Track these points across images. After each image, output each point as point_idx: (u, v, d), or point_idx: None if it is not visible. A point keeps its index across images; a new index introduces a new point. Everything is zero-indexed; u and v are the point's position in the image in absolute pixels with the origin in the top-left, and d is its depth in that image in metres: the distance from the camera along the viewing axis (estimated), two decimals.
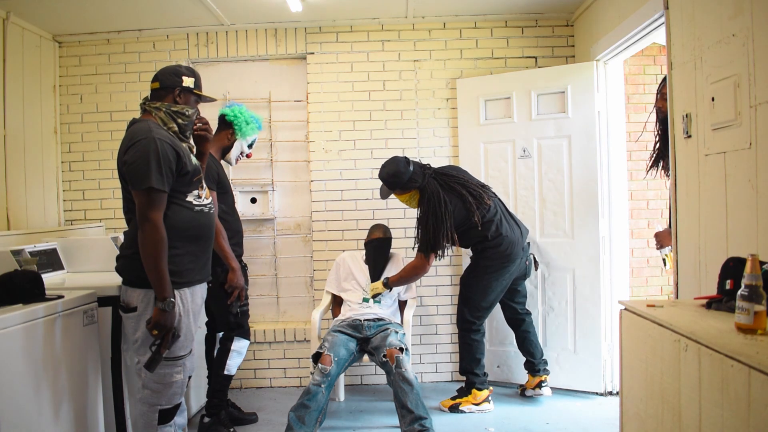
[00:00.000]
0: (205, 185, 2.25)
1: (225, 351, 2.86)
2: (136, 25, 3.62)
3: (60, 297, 2.22)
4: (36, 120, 3.52)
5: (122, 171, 2.06)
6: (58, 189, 3.72)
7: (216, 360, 2.90)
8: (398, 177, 2.97)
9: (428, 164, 3.10)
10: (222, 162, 2.95)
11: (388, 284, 3.15)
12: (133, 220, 2.11)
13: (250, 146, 2.99)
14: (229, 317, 2.83)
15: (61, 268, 2.95)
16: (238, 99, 3.67)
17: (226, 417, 2.91)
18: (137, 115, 2.21)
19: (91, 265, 2.99)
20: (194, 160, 2.19)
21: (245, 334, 2.92)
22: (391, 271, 3.30)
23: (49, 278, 2.71)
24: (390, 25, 3.71)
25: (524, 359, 3.31)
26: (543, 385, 3.23)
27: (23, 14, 3.29)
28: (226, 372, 2.86)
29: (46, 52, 3.63)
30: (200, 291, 2.25)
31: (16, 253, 2.62)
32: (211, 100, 2.34)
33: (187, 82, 2.19)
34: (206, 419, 2.88)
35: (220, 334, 2.97)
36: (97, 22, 3.56)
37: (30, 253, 2.72)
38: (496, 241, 3.00)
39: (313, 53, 3.72)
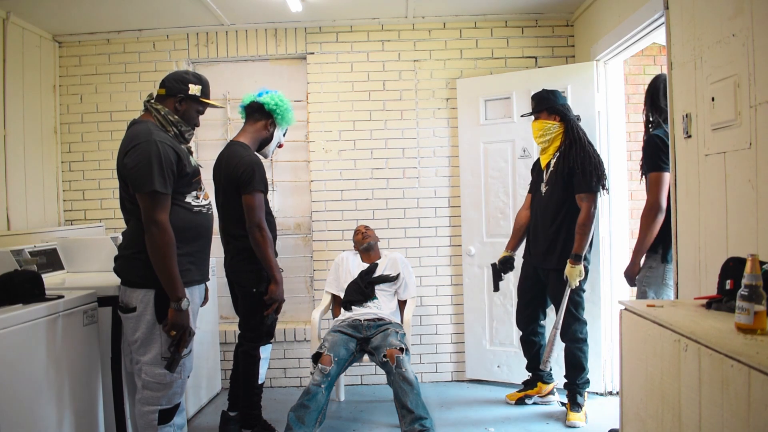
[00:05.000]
0: (203, 186, 2.25)
1: (255, 361, 2.73)
2: (136, 25, 3.62)
3: (60, 297, 2.22)
4: (36, 120, 3.52)
5: (122, 173, 2.07)
6: (58, 189, 3.72)
7: (248, 372, 2.74)
8: (554, 96, 2.99)
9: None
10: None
11: (579, 256, 2.88)
12: (132, 221, 2.11)
13: (284, 135, 2.88)
14: (262, 327, 2.71)
15: (61, 268, 2.95)
16: (238, 99, 3.66)
17: (265, 423, 2.84)
18: (137, 115, 2.22)
19: (91, 265, 2.98)
20: (194, 161, 2.19)
21: (270, 339, 2.81)
22: (385, 269, 3.30)
23: (49, 278, 2.70)
24: (390, 25, 3.70)
25: (526, 362, 3.26)
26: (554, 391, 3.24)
27: (23, 14, 3.29)
28: (260, 382, 2.78)
29: (46, 52, 3.63)
30: (199, 291, 2.25)
31: (16, 253, 2.62)
32: (218, 107, 2.34)
33: (194, 90, 2.18)
34: None
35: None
36: (97, 22, 3.56)
37: (30, 253, 2.72)
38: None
39: (313, 53, 3.72)
